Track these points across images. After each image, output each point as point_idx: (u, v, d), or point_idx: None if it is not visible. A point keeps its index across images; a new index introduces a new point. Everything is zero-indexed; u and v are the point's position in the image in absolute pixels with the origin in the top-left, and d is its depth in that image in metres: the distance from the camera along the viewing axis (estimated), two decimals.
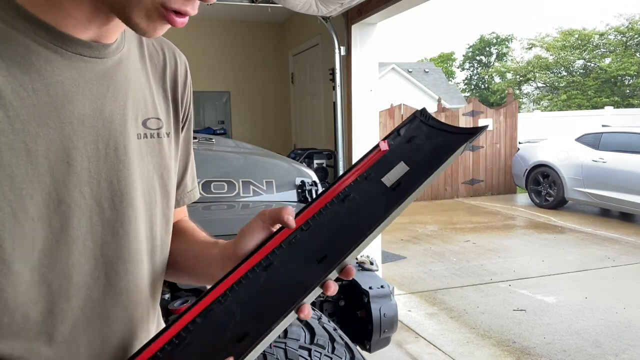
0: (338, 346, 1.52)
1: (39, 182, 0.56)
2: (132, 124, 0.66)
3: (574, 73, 27.70)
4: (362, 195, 0.61)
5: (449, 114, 9.64)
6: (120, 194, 0.63)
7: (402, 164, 0.61)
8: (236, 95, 6.24)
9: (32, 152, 0.55)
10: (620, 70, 24.70)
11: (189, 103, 0.79)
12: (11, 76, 0.54)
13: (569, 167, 7.74)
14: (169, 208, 0.74)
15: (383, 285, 2.11)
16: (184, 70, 0.77)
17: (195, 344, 0.55)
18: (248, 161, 2.33)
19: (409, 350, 3.19)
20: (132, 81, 0.67)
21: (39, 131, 0.56)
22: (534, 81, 29.90)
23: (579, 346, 3.21)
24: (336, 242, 0.59)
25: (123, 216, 0.64)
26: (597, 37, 26.78)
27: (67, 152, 0.58)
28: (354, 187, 0.62)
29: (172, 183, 0.74)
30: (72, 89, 0.59)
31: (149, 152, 0.68)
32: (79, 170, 0.59)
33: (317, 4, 3.14)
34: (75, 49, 0.59)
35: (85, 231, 0.60)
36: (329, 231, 0.60)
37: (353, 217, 0.60)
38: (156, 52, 0.74)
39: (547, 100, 29.23)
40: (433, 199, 9.27)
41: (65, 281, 0.59)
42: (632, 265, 5.00)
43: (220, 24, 6.00)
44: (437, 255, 5.43)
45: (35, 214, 0.56)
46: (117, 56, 0.64)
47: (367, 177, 0.62)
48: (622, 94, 25.80)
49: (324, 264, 0.57)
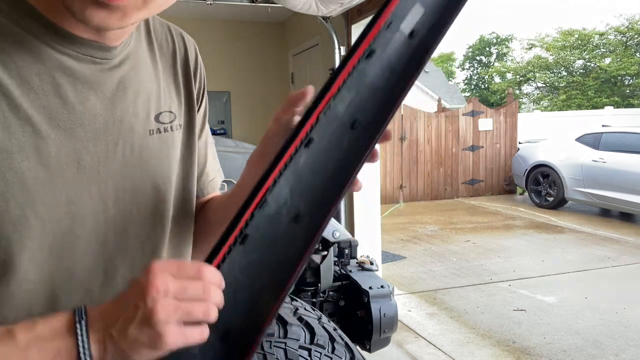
0: (338, 346, 1.52)
1: (50, 184, 0.56)
2: (144, 121, 0.66)
3: (574, 73, 27.69)
4: (385, 49, 0.56)
5: (449, 114, 9.64)
6: (123, 192, 0.63)
7: (417, 6, 0.56)
8: (236, 95, 6.24)
9: (43, 154, 0.55)
10: (620, 70, 24.69)
11: (202, 89, 0.78)
12: (21, 79, 0.54)
13: (569, 167, 7.74)
14: (188, 199, 0.74)
15: (383, 285, 2.11)
16: (194, 55, 0.76)
17: (256, 238, 0.54)
18: None
19: (409, 350, 3.18)
20: (142, 77, 0.67)
21: (50, 133, 0.56)
22: (534, 81, 29.89)
23: (579, 346, 3.21)
24: (369, 105, 0.56)
25: (124, 213, 0.64)
26: (597, 37, 26.77)
27: (78, 153, 0.58)
28: (378, 40, 0.56)
29: (189, 175, 0.74)
30: (83, 89, 0.59)
31: (163, 146, 0.68)
32: (88, 171, 0.60)
33: (317, 4, 3.14)
34: (85, 51, 0.59)
35: (90, 229, 0.61)
36: (359, 95, 0.56)
37: (382, 75, 0.56)
38: (165, 40, 0.73)
39: (547, 100, 29.22)
40: (433, 199, 9.27)
41: (67, 277, 0.59)
42: (632, 265, 5.00)
43: (220, 24, 6.00)
44: (437, 255, 5.43)
45: (46, 215, 0.56)
46: (124, 54, 0.64)
47: (388, 26, 0.56)
48: (622, 94, 25.79)
49: (365, 131, 0.55)
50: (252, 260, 0.53)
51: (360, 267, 2.28)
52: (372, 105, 0.56)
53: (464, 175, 9.56)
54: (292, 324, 1.50)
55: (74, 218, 0.59)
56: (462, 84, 41.46)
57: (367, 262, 2.31)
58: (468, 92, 39.00)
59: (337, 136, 0.56)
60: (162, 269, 0.48)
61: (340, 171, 0.55)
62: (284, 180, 0.54)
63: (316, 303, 2.17)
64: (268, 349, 1.41)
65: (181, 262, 0.50)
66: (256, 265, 0.53)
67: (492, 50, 40.14)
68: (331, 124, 0.56)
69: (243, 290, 0.53)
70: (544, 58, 28.60)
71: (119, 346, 0.46)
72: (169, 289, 0.46)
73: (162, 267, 0.48)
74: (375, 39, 0.55)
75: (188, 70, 0.75)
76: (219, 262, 0.52)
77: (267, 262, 0.53)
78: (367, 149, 0.55)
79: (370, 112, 0.56)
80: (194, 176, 0.76)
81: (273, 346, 1.43)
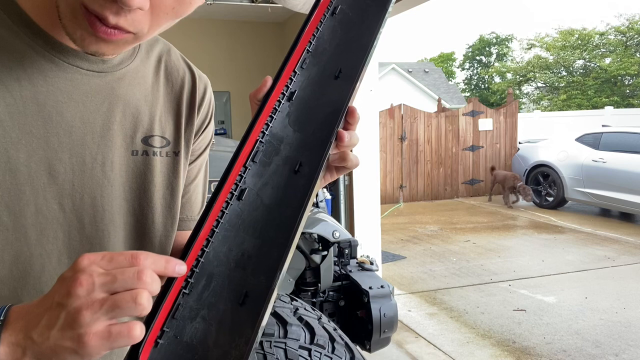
0: (338, 346, 1.52)
1: (17, 191, 0.54)
2: (127, 140, 0.64)
3: (574, 73, 27.70)
4: (349, 4, 0.62)
5: (449, 114, 9.64)
6: (102, 210, 0.61)
7: None
8: (236, 95, 6.24)
9: (12, 159, 0.54)
10: (620, 70, 24.69)
11: (204, 125, 0.75)
12: (0, 81, 0.53)
13: (569, 167, 7.74)
14: (172, 228, 0.71)
15: (383, 285, 2.11)
16: (202, 89, 0.75)
17: (254, 193, 0.53)
18: None
19: (409, 350, 3.18)
20: (136, 97, 0.65)
21: (21, 138, 0.54)
22: (534, 81, 29.90)
23: (579, 346, 3.21)
24: (345, 54, 0.59)
25: (102, 233, 0.62)
26: (597, 37, 26.78)
27: (50, 162, 0.57)
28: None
29: (176, 203, 0.71)
30: (63, 99, 0.58)
31: (148, 170, 0.66)
32: (61, 182, 0.58)
33: None
34: (71, 61, 0.58)
35: (62, 246, 0.59)
36: (332, 47, 0.60)
37: (350, 29, 0.61)
38: (176, 70, 0.72)
39: (547, 100, 29.24)
40: (433, 199, 9.28)
41: (35, 296, 0.55)
42: (632, 265, 5.00)
43: (220, 24, 6.00)
44: (437, 255, 5.43)
45: (10, 223, 0.54)
46: (121, 71, 0.63)
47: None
48: (622, 94, 25.79)
49: (343, 79, 0.58)
50: (253, 217, 0.52)
51: (360, 267, 2.28)
52: (346, 54, 0.60)
53: (464, 175, 9.56)
54: (292, 324, 1.50)
55: (42, 230, 0.56)
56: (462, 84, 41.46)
57: (367, 262, 2.31)
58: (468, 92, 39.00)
59: (320, 86, 0.59)
60: (91, 261, 0.43)
61: (330, 116, 0.56)
62: (275, 129, 0.56)
63: (316, 303, 2.18)
64: (268, 349, 1.41)
65: (115, 252, 0.45)
66: (258, 221, 0.52)
67: (492, 50, 40.15)
68: (312, 77, 0.59)
69: (249, 249, 0.50)
70: (544, 58, 28.61)
71: (40, 351, 0.41)
72: (95, 283, 0.41)
73: (90, 259, 0.43)
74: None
75: (193, 102, 0.73)
76: (217, 218, 0.50)
77: (270, 218, 0.52)
78: (350, 94, 0.57)
79: (344, 59, 0.60)
80: (179, 206, 0.72)
81: (273, 346, 1.43)
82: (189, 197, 0.77)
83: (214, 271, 0.49)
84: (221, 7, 4.71)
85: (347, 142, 0.56)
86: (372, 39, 0.60)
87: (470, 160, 9.57)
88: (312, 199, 0.54)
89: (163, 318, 0.46)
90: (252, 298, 0.47)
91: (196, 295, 0.48)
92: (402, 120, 9.01)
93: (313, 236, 2.15)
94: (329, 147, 0.54)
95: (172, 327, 0.46)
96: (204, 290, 0.48)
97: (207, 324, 0.46)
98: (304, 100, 0.57)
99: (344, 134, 0.55)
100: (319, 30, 0.60)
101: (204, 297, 0.48)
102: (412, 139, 9.13)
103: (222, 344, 0.46)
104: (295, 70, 0.59)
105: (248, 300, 0.47)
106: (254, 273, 0.49)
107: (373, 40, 0.60)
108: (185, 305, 0.47)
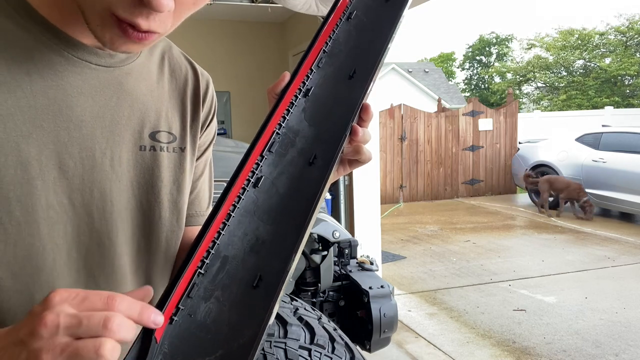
0: (338, 346, 1.52)
1: (29, 185, 0.54)
2: (135, 134, 0.64)
3: (574, 73, 27.69)
4: (364, 11, 0.66)
5: (449, 114, 9.64)
6: (111, 205, 0.61)
7: None
8: (236, 95, 6.24)
9: (23, 153, 0.54)
10: (620, 70, 24.69)
11: (209, 116, 0.76)
12: (10, 75, 0.53)
13: (569, 167, 7.74)
14: (178, 224, 0.71)
15: (383, 285, 2.11)
16: (204, 85, 0.75)
17: (269, 180, 0.55)
18: None
19: (409, 350, 3.18)
20: (143, 92, 0.65)
21: (32, 132, 0.54)
22: (534, 81, 29.89)
23: (579, 346, 3.21)
24: (359, 56, 0.62)
25: (111, 228, 0.62)
26: (597, 37, 26.78)
27: (60, 156, 0.57)
28: (355, 3, 0.66)
29: (183, 199, 0.71)
30: (73, 94, 0.58)
31: (155, 165, 0.66)
32: (71, 177, 0.58)
33: (317, 4, 3.14)
34: (81, 55, 0.58)
35: (72, 240, 0.58)
36: (347, 49, 0.63)
37: (365, 33, 0.64)
38: (179, 67, 0.73)
39: (547, 100, 29.23)
40: (433, 199, 9.27)
41: (47, 289, 0.56)
42: (632, 265, 5.00)
43: (220, 24, 6.00)
44: (437, 255, 5.43)
45: (22, 218, 0.54)
46: (128, 66, 0.64)
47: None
48: (622, 94, 25.79)
49: (357, 79, 0.61)
50: (268, 205, 0.53)
51: (360, 267, 2.28)
52: (360, 55, 0.63)
53: (464, 175, 9.56)
54: (292, 324, 1.50)
55: (53, 225, 0.56)
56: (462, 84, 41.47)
57: (367, 262, 2.31)
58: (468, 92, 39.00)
59: (335, 84, 0.61)
60: (63, 298, 0.41)
61: (345, 112, 0.59)
62: (292, 122, 0.58)
63: (316, 303, 2.17)
64: (268, 349, 1.41)
65: (91, 291, 0.43)
66: (273, 209, 0.53)
67: (492, 50, 40.16)
68: (327, 76, 0.62)
69: (264, 235, 0.52)
70: (544, 58, 28.60)
71: None
72: (60, 325, 0.40)
73: (63, 296, 0.41)
74: (352, 2, 0.66)
75: (197, 98, 0.74)
76: (233, 203, 0.51)
77: (284, 206, 0.53)
78: (365, 92, 0.60)
79: (358, 60, 0.63)
80: (186, 202, 0.73)
81: (273, 346, 1.43)
82: (197, 193, 0.78)
83: (229, 254, 0.50)
84: (221, 7, 4.71)
85: (360, 137, 0.58)
86: (385, 43, 0.63)
87: (470, 160, 9.56)
88: (326, 190, 0.56)
89: (179, 296, 0.47)
90: (266, 281, 0.49)
91: (211, 276, 0.49)
92: (402, 120, 9.01)
93: (313, 236, 2.15)
94: (344, 140, 0.56)
95: (187, 305, 0.47)
96: (218, 272, 0.49)
97: (221, 305, 0.48)
98: (320, 97, 0.60)
99: (358, 128, 0.58)
100: (335, 33, 0.64)
101: (218, 279, 0.49)
102: (412, 139, 9.13)
103: (235, 325, 0.47)
104: (312, 68, 0.61)
105: (262, 284, 0.49)
106: (268, 258, 0.50)
107: (386, 44, 0.63)
108: (200, 285, 0.48)
